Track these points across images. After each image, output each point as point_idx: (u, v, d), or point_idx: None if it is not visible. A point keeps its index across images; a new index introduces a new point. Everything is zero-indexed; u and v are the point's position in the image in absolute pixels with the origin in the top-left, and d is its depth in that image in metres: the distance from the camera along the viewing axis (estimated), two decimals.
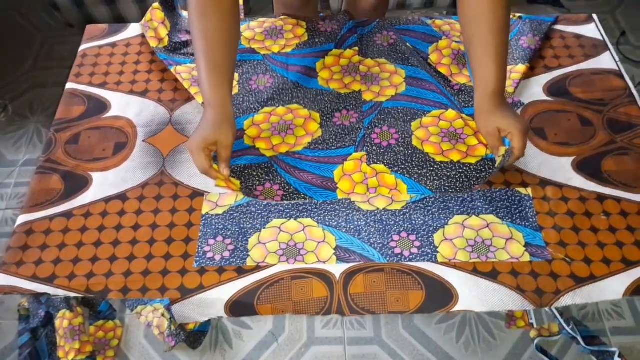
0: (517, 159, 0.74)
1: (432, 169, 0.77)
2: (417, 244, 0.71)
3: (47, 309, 0.99)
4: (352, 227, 0.73)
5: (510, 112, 0.73)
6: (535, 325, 1.17)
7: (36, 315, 1.01)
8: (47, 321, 1.01)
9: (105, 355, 1.19)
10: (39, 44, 1.92)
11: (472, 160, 0.78)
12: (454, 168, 0.77)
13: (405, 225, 0.73)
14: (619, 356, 0.99)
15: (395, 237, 0.72)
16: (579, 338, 1.06)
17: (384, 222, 0.73)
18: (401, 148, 0.80)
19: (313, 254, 0.71)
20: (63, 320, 0.98)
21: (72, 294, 0.70)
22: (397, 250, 0.71)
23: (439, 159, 0.78)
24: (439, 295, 0.68)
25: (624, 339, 1.22)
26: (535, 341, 1.17)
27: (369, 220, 0.74)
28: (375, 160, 0.79)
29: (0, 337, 1.27)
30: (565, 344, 1.21)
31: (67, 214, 0.77)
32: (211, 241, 0.73)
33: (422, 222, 0.73)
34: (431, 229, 0.72)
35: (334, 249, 0.71)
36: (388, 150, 0.80)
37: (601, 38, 0.94)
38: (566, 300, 0.66)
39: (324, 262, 0.71)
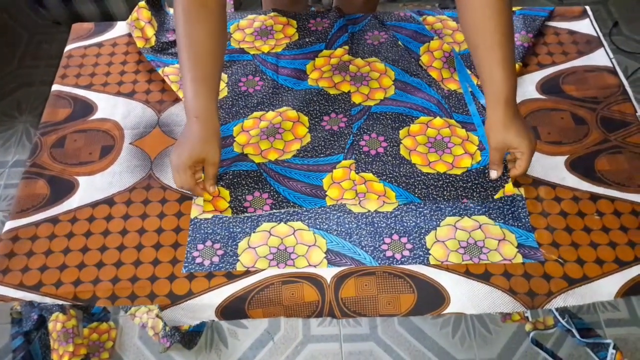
0: (515, 177, 0.74)
1: (419, 179, 0.77)
2: (408, 246, 0.71)
3: (39, 311, 0.98)
4: (342, 230, 0.72)
5: (523, 128, 0.70)
6: (530, 319, 1.18)
7: (29, 319, 1.00)
8: (40, 324, 1.00)
9: (99, 358, 1.19)
10: (25, 42, 1.89)
11: (458, 172, 0.77)
12: (440, 179, 0.76)
13: (397, 228, 0.72)
14: (614, 348, 0.99)
15: (387, 240, 0.71)
16: (574, 330, 1.07)
17: (375, 225, 0.73)
18: (389, 157, 0.79)
19: (303, 257, 0.70)
20: (56, 323, 0.97)
21: (60, 302, 0.69)
22: (389, 253, 0.70)
23: (425, 170, 0.77)
24: (431, 298, 0.67)
25: (618, 331, 1.23)
26: (531, 334, 1.17)
27: (360, 223, 0.73)
28: (364, 169, 0.78)
29: None
30: (561, 337, 1.22)
31: (53, 220, 0.76)
32: (200, 246, 0.72)
33: (413, 224, 0.72)
34: (423, 231, 0.72)
35: (325, 253, 0.71)
36: (376, 159, 0.79)
37: (595, 34, 0.92)
38: (558, 302, 0.66)
39: (315, 266, 0.70)
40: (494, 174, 0.74)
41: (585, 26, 0.94)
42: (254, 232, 0.73)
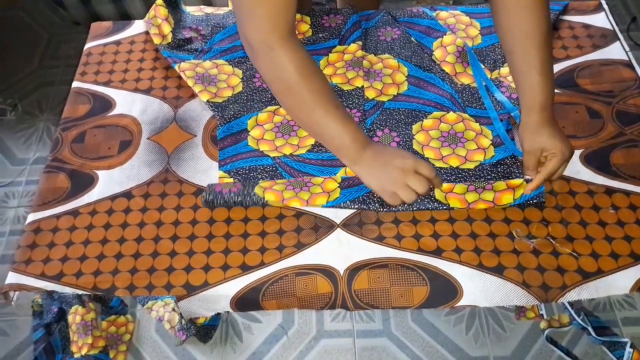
0: (545, 179, 0.70)
1: None
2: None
3: (59, 304, 1.01)
4: None
5: (559, 133, 0.69)
6: (545, 316, 1.17)
7: (49, 311, 1.03)
8: (60, 317, 1.03)
9: (117, 350, 1.21)
10: (45, 43, 1.93)
11: (471, 166, 0.77)
12: (453, 173, 0.77)
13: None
14: (631, 346, 0.98)
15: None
16: (590, 329, 1.06)
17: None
18: None
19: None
20: (75, 316, 0.99)
21: (80, 292, 0.71)
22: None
23: (438, 164, 0.78)
24: (443, 291, 0.68)
25: (635, 330, 1.21)
26: (546, 332, 1.17)
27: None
28: None
29: (16, 332, 1.30)
30: (576, 335, 1.21)
31: (74, 212, 0.78)
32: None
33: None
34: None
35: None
36: None
37: (611, 27, 0.91)
38: (572, 295, 0.65)
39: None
40: (528, 177, 0.73)
41: (601, 20, 0.93)
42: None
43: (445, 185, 0.74)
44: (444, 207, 0.73)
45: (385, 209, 0.73)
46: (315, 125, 0.70)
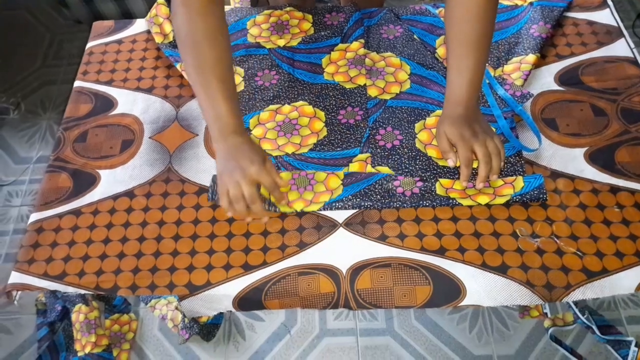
0: (464, 176, 0.72)
1: (435, 172, 0.77)
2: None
3: (63, 303, 1.01)
4: None
5: (464, 124, 0.71)
6: (549, 315, 1.16)
7: (53, 310, 1.03)
8: (64, 315, 1.03)
9: (121, 348, 1.22)
10: (48, 42, 1.93)
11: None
12: (456, 172, 0.76)
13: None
14: (636, 345, 0.97)
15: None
16: (594, 327, 1.05)
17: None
18: (405, 149, 0.79)
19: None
20: (79, 314, 0.99)
21: (82, 291, 0.71)
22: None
23: (441, 163, 0.77)
24: (447, 290, 0.67)
25: None
26: (550, 331, 1.16)
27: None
28: (380, 162, 0.78)
29: (20, 330, 1.30)
30: (580, 334, 1.20)
31: (76, 212, 0.78)
32: None
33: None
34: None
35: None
36: (392, 152, 0.79)
37: (615, 24, 0.90)
38: (576, 294, 0.65)
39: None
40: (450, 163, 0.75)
41: (605, 16, 0.92)
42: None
43: (446, 181, 0.74)
44: (445, 199, 0.73)
45: (386, 204, 0.73)
46: (205, 91, 0.70)
